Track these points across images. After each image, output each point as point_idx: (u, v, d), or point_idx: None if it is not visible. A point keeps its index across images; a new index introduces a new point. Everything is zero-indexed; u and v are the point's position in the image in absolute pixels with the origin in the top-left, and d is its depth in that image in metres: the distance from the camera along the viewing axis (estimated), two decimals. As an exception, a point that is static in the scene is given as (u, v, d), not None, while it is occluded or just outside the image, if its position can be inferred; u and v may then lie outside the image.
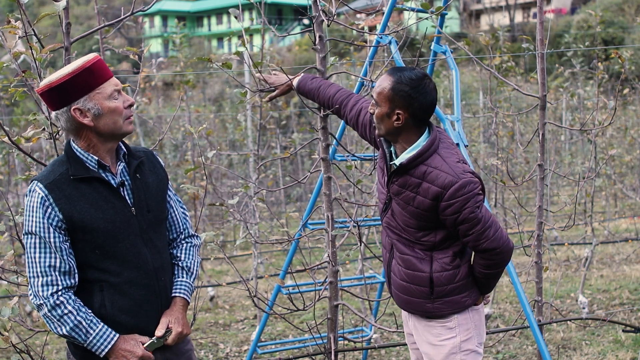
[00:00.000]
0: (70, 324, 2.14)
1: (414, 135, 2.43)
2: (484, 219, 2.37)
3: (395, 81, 2.37)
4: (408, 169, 2.41)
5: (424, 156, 2.38)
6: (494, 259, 2.42)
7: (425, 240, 2.47)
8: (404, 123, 2.39)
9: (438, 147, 2.41)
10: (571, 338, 5.16)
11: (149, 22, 47.40)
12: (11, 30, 2.60)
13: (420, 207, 2.40)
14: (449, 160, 2.37)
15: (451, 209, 2.35)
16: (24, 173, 5.01)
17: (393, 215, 2.53)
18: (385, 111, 2.39)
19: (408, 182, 2.41)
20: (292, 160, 13.18)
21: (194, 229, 2.58)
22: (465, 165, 2.41)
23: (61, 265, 2.16)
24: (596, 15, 6.95)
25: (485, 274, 2.49)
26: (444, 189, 2.33)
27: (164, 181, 2.43)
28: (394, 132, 2.43)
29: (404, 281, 2.55)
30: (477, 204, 2.36)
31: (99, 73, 2.19)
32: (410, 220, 2.46)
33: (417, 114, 2.38)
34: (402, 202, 2.46)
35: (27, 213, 2.17)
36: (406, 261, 2.52)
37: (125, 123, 2.24)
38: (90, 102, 2.17)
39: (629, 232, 9.85)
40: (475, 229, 2.36)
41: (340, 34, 11.02)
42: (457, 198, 2.33)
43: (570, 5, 38.46)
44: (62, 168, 2.21)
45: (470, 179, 2.35)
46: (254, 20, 5.76)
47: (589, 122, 7.42)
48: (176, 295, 2.38)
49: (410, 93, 2.35)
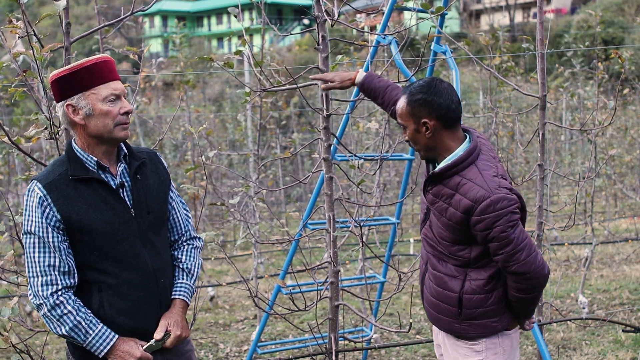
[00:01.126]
0: (70, 324, 2.14)
1: (450, 141, 2.36)
2: (516, 240, 2.25)
3: (408, 96, 2.36)
4: (442, 179, 2.34)
5: (460, 167, 2.31)
6: (525, 283, 2.30)
7: (460, 256, 2.38)
8: (434, 131, 2.34)
9: (477, 159, 2.33)
10: (571, 338, 5.16)
11: (149, 22, 47.41)
12: (12, 30, 2.60)
13: (452, 220, 2.33)
14: (485, 173, 2.29)
15: (481, 225, 2.25)
16: (24, 173, 5.01)
17: (430, 227, 2.47)
18: (413, 127, 2.36)
19: (441, 192, 2.35)
20: (292, 160, 13.18)
21: (195, 231, 2.58)
22: (503, 180, 2.30)
23: (60, 264, 2.15)
24: (596, 15, 6.95)
25: (518, 298, 2.36)
26: (475, 203, 2.24)
27: (166, 182, 2.42)
28: (431, 146, 2.38)
29: (433, 297, 2.49)
30: (510, 223, 2.24)
31: (99, 73, 2.19)
32: (444, 233, 2.38)
33: (441, 116, 2.32)
34: (437, 212, 2.40)
35: (26, 213, 2.18)
36: (437, 278, 2.46)
37: (117, 129, 2.22)
38: (84, 101, 2.18)
39: (629, 232, 9.85)
40: (505, 250, 2.26)
41: (340, 34, 11.02)
42: (488, 214, 2.23)
43: (570, 5, 38.47)
44: (61, 168, 2.21)
45: (505, 196, 2.24)
46: (254, 20, 5.75)
47: (589, 122, 7.42)
48: (176, 297, 2.37)
49: (425, 98, 2.32)
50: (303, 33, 2.87)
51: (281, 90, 2.97)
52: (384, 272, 4.59)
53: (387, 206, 8.51)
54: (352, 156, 3.19)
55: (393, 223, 4.30)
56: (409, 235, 10.63)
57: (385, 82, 2.79)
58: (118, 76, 2.25)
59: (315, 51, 2.90)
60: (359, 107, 8.65)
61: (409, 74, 3.26)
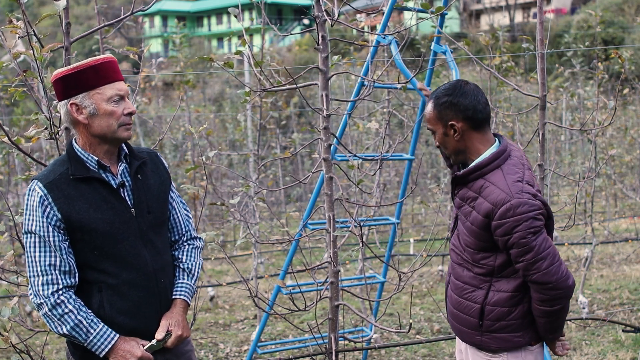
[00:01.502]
0: (71, 323, 2.14)
1: (479, 144, 2.35)
2: (538, 248, 2.19)
3: (434, 100, 2.36)
4: (467, 182, 2.34)
5: (484, 170, 2.29)
6: (547, 294, 2.23)
7: (484, 264, 2.34)
8: (462, 133, 2.33)
9: (503, 163, 2.30)
10: (571, 338, 5.16)
11: (149, 22, 47.40)
12: (13, 30, 2.60)
13: (474, 224, 2.30)
14: (509, 177, 2.25)
15: (501, 230, 2.21)
16: (24, 173, 5.01)
17: (458, 235, 2.45)
18: (442, 130, 2.36)
19: (466, 195, 2.34)
20: (292, 160, 13.18)
21: (196, 231, 2.58)
22: (527, 186, 2.25)
23: (61, 264, 2.15)
24: (596, 15, 6.95)
25: (541, 311, 2.27)
26: (495, 206, 2.21)
27: (167, 182, 2.43)
28: (461, 149, 2.37)
29: (455, 308, 2.47)
30: (531, 229, 2.18)
31: (104, 73, 2.19)
32: (469, 239, 2.35)
33: (468, 117, 2.31)
34: (463, 217, 2.38)
35: (26, 212, 2.18)
36: (460, 288, 2.42)
37: (120, 129, 2.23)
38: (88, 100, 2.19)
39: (629, 232, 9.85)
40: (525, 257, 2.20)
41: (340, 34, 11.01)
42: (507, 218, 2.18)
43: (570, 5, 38.47)
44: (62, 168, 2.21)
45: (526, 201, 2.19)
46: (254, 20, 5.75)
47: (589, 122, 7.42)
48: (177, 297, 2.37)
49: (450, 100, 2.32)
50: (303, 33, 2.87)
51: (281, 90, 2.97)
52: (384, 272, 4.59)
53: (387, 206, 8.51)
54: (352, 156, 3.19)
55: (393, 223, 4.30)
56: (409, 235, 10.63)
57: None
58: (122, 77, 2.27)
59: (315, 51, 2.90)
60: (359, 107, 8.65)
61: (409, 74, 3.26)
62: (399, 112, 8.68)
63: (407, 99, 8.72)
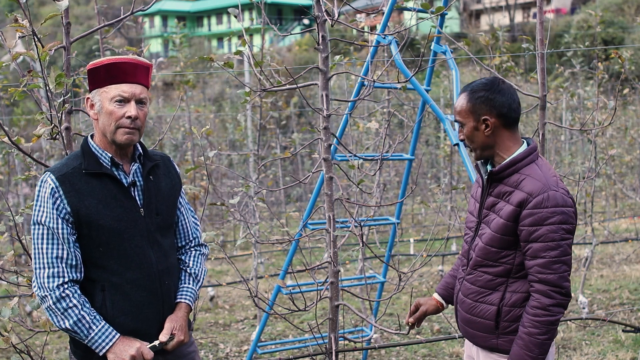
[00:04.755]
0: (74, 318, 2.13)
1: (510, 142, 2.35)
2: (564, 250, 2.16)
3: (469, 93, 2.35)
4: (502, 178, 2.32)
5: (519, 164, 2.29)
6: (556, 297, 2.17)
7: (504, 262, 2.30)
8: (494, 129, 2.32)
9: (537, 159, 2.31)
10: (571, 338, 5.16)
11: (149, 22, 47.40)
12: (18, 29, 2.60)
13: (503, 217, 2.26)
14: (545, 170, 2.26)
15: (531, 219, 2.17)
16: (24, 173, 5.01)
17: (480, 237, 2.39)
18: (473, 124, 2.34)
19: (502, 190, 2.31)
20: (292, 160, 13.18)
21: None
22: (562, 183, 2.25)
23: (68, 257, 2.15)
24: (596, 15, 6.95)
25: (538, 322, 2.19)
26: (530, 195, 2.19)
27: (177, 187, 2.43)
28: (489, 144, 2.35)
29: (468, 314, 2.43)
30: (564, 226, 2.16)
31: (115, 73, 2.21)
32: (494, 236, 2.30)
33: (502, 114, 2.31)
34: (493, 214, 2.33)
35: (37, 203, 2.18)
36: (475, 292, 2.40)
37: (118, 131, 2.22)
38: (97, 97, 2.23)
39: (629, 232, 9.86)
40: (548, 254, 2.16)
41: (340, 34, 11.01)
42: (541, 209, 2.16)
43: (570, 5, 38.46)
44: (76, 162, 2.22)
45: (562, 195, 2.17)
46: (254, 20, 5.75)
47: (589, 122, 7.42)
48: (182, 300, 2.37)
49: (487, 95, 2.31)
50: (303, 33, 2.87)
51: (281, 90, 2.97)
52: (384, 272, 4.59)
53: (387, 206, 8.51)
54: (352, 156, 3.19)
55: (393, 223, 4.30)
56: (409, 235, 10.63)
57: (447, 277, 2.67)
58: (139, 80, 2.24)
59: (315, 51, 2.90)
60: (359, 107, 8.65)
61: (409, 74, 3.26)
62: (399, 112, 8.69)
63: (407, 99, 8.72)
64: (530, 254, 2.21)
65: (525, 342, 2.22)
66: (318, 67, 2.84)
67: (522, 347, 2.23)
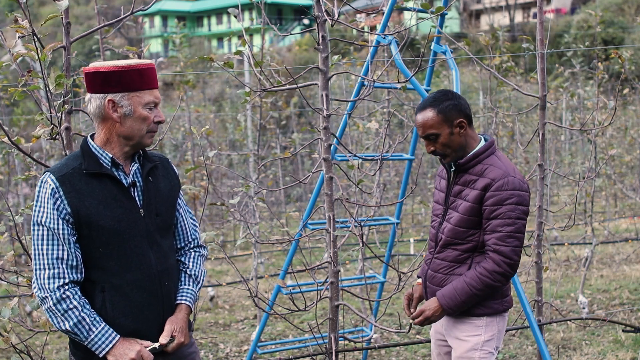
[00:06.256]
0: (74, 319, 2.13)
1: (472, 139, 2.66)
2: (519, 227, 2.51)
3: (434, 107, 2.60)
4: (468, 169, 2.63)
5: (482, 156, 2.61)
6: (502, 267, 2.52)
7: (471, 240, 2.62)
8: (465, 129, 2.62)
9: (495, 151, 2.65)
10: (571, 338, 5.16)
11: (149, 22, 47.40)
12: (18, 30, 2.60)
13: (470, 200, 2.57)
14: (505, 161, 2.62)
15: (493, 200, 2.51)
16: (24, 173, 5.01)
17: (449, 220, 2.68)
18: (448, 131, 2.60)
19: (468, 179, 2.62)
20: (292, 160, 13.18)
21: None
22: (519, 172, 2.60)
23: (69, 257, 2.15)
24: (596, 15, 6.95)
25: (481, 282, 2.54)
26: (493, 180, 2.53)
27: (176, 188, 2.44)
28: (462, 145, 2.64)
29: (440, 286, 2.70)
30: (520, 207, 2.50)
31: (146, 79, 2.22)
32: (463, 217, 2.60)
33: (467, 115, 2.63)
34: (460, 200, 2.64)
35: (37, 203, 2.17)
36: (445, 267, 2.69)
37: (147, 135, 2.26)
38: (126, 101, 2.21)
39: (629, 232, 9.86)
40: (504, 228, 2.50)
41: (340, 34, 11.01)
42: (501, 191, 2.50)
43: (570, 5, 38.46)
44: (76, 162, 2.22)
45: (520, 181, 2.53)
46: (254, 20, 5.75)
47: (589, 122, 7.42)
48: (182, 302, 2.37)
49: (453, 102, 2.61)
50: (303, 33, 2.87)
51: (281, 90, 2.97)
52: (384, 272, 4.60)
53: (387, 206, 8.51)
54: (352, 156, 3.19)
55: (393, 223, 4.30)
56: (409, 235, 10.63)
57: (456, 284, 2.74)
58: (157, 85, 2.30)
59: (315, 51, 2.90)
60: (359, 107, 8.65)
61: (409, 74, 3.26)
62: (399, 112, 8.68)
63: (407, 99, 8.72)
64: (490, 229, 2.54)
65: (460, 285, 2.58)
66: (318, 67, 2.84)
67: (454, 287, 2.59)
